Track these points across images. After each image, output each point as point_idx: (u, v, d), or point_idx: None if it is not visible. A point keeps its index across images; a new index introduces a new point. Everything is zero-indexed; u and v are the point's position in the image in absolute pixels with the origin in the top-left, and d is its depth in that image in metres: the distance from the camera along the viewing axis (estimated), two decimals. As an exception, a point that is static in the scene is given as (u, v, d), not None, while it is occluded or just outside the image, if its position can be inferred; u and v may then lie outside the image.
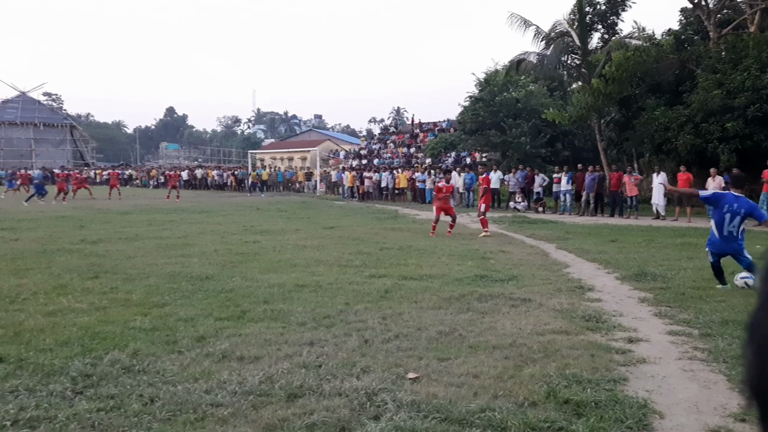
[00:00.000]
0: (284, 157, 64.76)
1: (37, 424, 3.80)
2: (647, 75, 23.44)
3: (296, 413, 3.94)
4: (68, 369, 4.72)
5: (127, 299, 7.34)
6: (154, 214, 21.58)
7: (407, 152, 46.83)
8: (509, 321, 6.35)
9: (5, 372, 4.69)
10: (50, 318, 6.37)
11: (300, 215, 21.49)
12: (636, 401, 4.16)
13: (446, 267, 9.90)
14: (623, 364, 5.03)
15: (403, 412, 3.94)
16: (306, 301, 7.22)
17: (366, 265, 10.07)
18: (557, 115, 25.02)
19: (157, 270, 9.40)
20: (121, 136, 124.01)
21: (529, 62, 28.05)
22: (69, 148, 74.28)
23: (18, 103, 73.75)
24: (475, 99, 32.79)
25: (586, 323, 6.33)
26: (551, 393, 4.25)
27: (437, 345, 5.51)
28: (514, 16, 26.77)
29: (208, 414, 3.96)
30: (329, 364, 4.90)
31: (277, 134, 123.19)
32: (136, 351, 5.21)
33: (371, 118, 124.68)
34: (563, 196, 23.29)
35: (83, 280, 8.57)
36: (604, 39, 27.88)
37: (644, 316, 6.81)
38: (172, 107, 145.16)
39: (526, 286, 8.39)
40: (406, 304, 7.12)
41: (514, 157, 29.68)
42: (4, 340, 5.58)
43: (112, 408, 4.03)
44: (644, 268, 9.52)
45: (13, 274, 8.96)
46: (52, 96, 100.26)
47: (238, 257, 10.86)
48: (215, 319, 6.38)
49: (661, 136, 22.26)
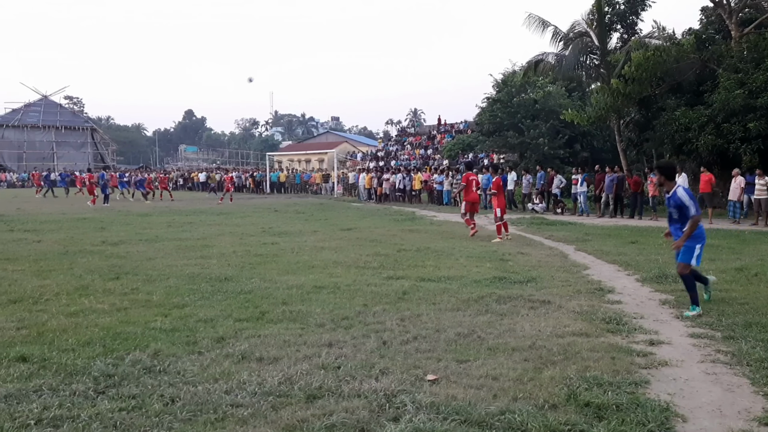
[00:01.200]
0: (302, 159, 65.08)
1: (60, 423, 3.85)
2: (667, 75, 23.19)
3: (315, 414, 3.95)
4: (90, 369, 4.78)
5: (147, 300, 7.41)
6: (173, 215, 21.78)
7: (424, 154, 46.79)
8: (528, 323, 6.31)
9: (29, 371, 4.76)
10: (72, 318, 6.46)
11: (318, 217, 21.55)
12: (658, 404, 4.12)
13: (464, 269, 9.87)
14: (645, 366, 4.98)
15: (422, 414, 3.93)
16: (324, 303, 7.24)
17: (384, 266, 10.07)
18: (576, 116, 24.84)
19: (177, 271, 9.49)
20: (140, 138, 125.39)
21: (547, 63, 27.88)
22: (90, 150, 75.24)
23: (40, 107, 74.96)
24: (492, 100, 32.69)
25: (607, 325, 6.28)
26: (572, 395, 4.22)
27: (456, 347, 5.49)
28: (532, 17, 26.65)
29: (228, 414, 3.98)
30: (348, 366, 4.90)
31: (295, 136, 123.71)
32: (156, 351, 5.26)
33: (388, 120, 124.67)
34: (580, 197, 23.12)
35: (104, 281, 8.67)
36: (624, 39, 27.64)
37: (665, 318, 6.74)
38: (190, 110, 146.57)
39: (546, 288, 8.34)
40: (424, 306, 7.11)
41: (532, 159, 29.51)
42: (28, 340, 5.66)
43: (134, 408, 4.07)
44: (665, 270, 9.41)
45: (36, 275, 9.09)
46: (74, 99, 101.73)
47: (256, 258, 10.92)
48: (234, 320, 6.43)
49: (681, 137, 22.01)
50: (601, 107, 23.94)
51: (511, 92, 31.31)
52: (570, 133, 29.47)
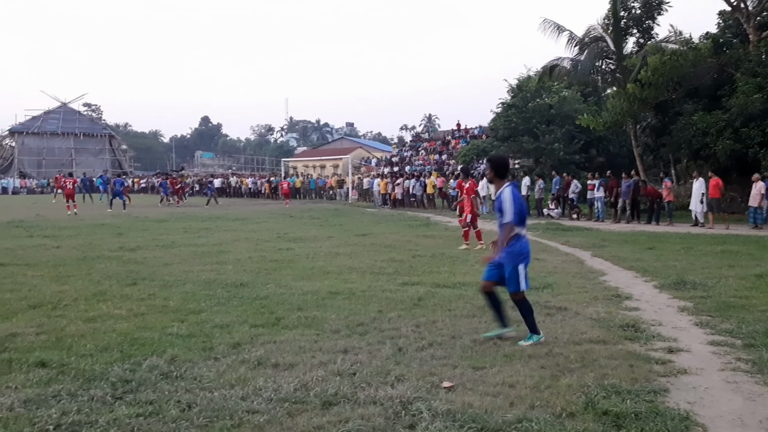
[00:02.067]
0: (316, 165, 65.27)
1: (78, 428, 3.88)
2: (684, 79, 23.03)
3: (331, 421, 3.95)
4: (108, 374, 4.82)
5: (164, 306, 7.46)
6: (189, 221, 21.93)
7: (439, 159, 46.73)
8: (545, 330, 6.25)
9: (48, 377, 4.80)
10: (90, 324, 6.52)
11: (332, 223, 21.59)
12: (678, 413, 4.06)
13: (480, 275, 9.77)
14: (663, 374, 4.92)
15: (438, 422, 3.91)
16: (339, 309, 7.24)
17: (399, 272, 10.06)
18: (591, 121, 24.71)
19: (193, 277, 9.55)
20: (157, 145, 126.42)
21: (562, 68, 27.76)
22: (108, 157, 76.06)
23: (59, 114, 76.00)
24: (507, 105, 32.64)
25: (624, 332, 6.21)
26: (589, 404, 4.18)
27: (472, 354, 5.47)
28: (547, 22, 26.54)
29: (245, 421, 3.99)
30: (363, 372, 4.89)
31: (310, 142, 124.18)
32: (173, 357, 5.29)
33: (403, 126, 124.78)
34: (596, 202, 22.95)
35: (122, 286, 8.75)
36: (640, 43, 27.48)
37: (684, 325, 6.65)
38: (207, 116, 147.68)
39: (562, 294, 8.28)
40: (439, 312, 7.09)
41: (547, 164, 29.37)
42: (47, 345, 5.72)
43: (151, 414, 4.09)
44: (683, 277, 9.32)
45: (55, 281, 9.19)
46: (92, 107, 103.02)
47: (272, 264, 10.96)
48: (250, 325, 6.44)
49: (699, 142, 21.82)
50: (617, 112, 23.80)
51: (526, 97, 31.23)
52: (585, 138, 29.31)
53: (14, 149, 72.83)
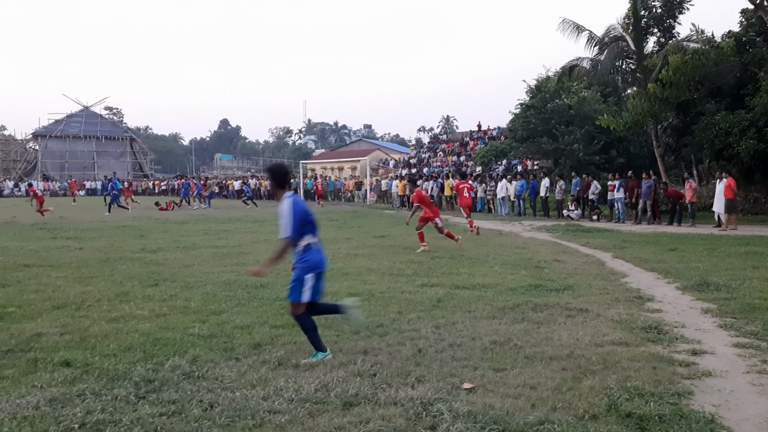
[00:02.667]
0: (334, 167, 65.38)
1: (103, 427, 3.93)
2: (706, 79, 22.71)
3: (352, 422, 3.95)
4: (131, 374, 4.87)
5: (185, 306, 7.53)
6: (209, 223, 22.10)
7: (457, 161, 46.61)
8: (566, 331, 6.22)
9: (72, 376, 4.87)
10: (113, 324, 6.60)
11: (351, 224, 21.63)
12: (703, 416, 4.01)
13: (499, 276, 9.78)
14: (687, 377, 4.86)
15: (459, 423, 3.90)
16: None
17: (417, 273, 10.05)
18: (611, 122, 24.47)
19: (213, 278, 9.62)
20: (177, 148, 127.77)
21: (582, 68, 27.57)
22: (129, 160, 77.10)
23: (82, 117, 77.17)
24: (526, 106, 32.45)
25: (647, 334, 6.14)
26: (612, 406, 4.14)
27: (492, 355, 5.44)
28: (567, 22, 26.39)
29: (266, 420, 4.01)
30: (384, 373, 4.90)
31: (328, 144, 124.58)
32: (195, 357, 5.34)
33: (420, 127, 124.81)
34: (617, 203, 22.74)
35: (144, 287, 8.84)
36: (660, 43, 27.20)
37: (708, 327, 6.56)
38: (226, 119, 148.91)
39: (583, 295, 8.21)
40: (459, 314, 7.07)
41: (567, 165, 29.15)
42: (71, 345, 5.80)
43: (174, 413, 4.13)
44: (707, 278, 9.19)
45: (78, 282, 9.31)
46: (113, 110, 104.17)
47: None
48: (271, 326, 6.48)
49: (721, 142, 21.52)
50: (637, 112, 23.53)
51: (545, 98, 31.01)
52: (605, 138, 29.03)
53: (38, 152, 74.04)
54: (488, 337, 6.01)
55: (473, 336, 6.06)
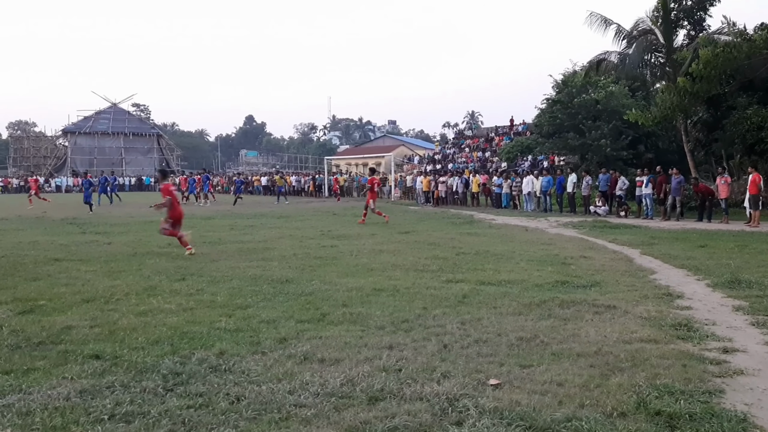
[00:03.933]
0: (359, 163, 65.46)
1: (131, 419, 3.98)
2: (738, 72, 22.24)
3: (378, 416, 3.95)
4: (159, 367, 4.93)
5: (212, 301, 7.60)
6: (235, 219, 22.29)
7: (482, 156, 46.33)
8: (593, 328, 6.14)
9: (102, 368, 4.95)
10: (142, 318, 6.68)
11: (376, 220, 21.62)
12: (734, 415, 3.93)
13: (525, 272, 9.70)
14: (718, 375, 4.76)
15: (485, 419, 3.88)
16: (384, 305, 7.25)
17: (443, 269, 10.01)
18: (640, 116, 24.08)
19: (239, 273, 9.70)
20: (203, 144, 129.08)
21: (609, 62, 27.17)
22: (156, 156, 78.01)
23: (110, 114, 78.36)
24: (552, 101, 32.08)
25: (676, 332, 6.04)
26: (641, 404, 4.08)
27: (518, 351, 5.40)
28: (594, 15, 26.03)
29: (292, 414, 4.03)
30: (409, 369, 4.89)
31: (352, 140, 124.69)
32: (222, 351, 5.38)
33: (445, 123, 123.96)
34: (645, 199, 22.39)
35: (171, 282, 8.95)
36: (691, 36, 26.71)
37: (740, 325, 6.43)
38: (251, 115, 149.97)
39: (610, 292, 8.11)
40: (484, 310, 7.02)
41: (594, 160, 28.78)
42: (101, 338, 5.89)
43: (201, 406, 4.17)
44: (738, 275, 9.00)
45: (107, 276, 9.46)
46: (141, 107, 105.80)
47: (316, 261, 11.04)
48: (296, 321, 6.51)
49: (753, 136, 21.09)
50: (666, 107, 23.13)
51: (571, 93, 30.61)
52: (633, 133, 28.57)
53: (67, 149, 75.38)
54: (514, 333, 5.96)
55: (499, 332, 6.01)
